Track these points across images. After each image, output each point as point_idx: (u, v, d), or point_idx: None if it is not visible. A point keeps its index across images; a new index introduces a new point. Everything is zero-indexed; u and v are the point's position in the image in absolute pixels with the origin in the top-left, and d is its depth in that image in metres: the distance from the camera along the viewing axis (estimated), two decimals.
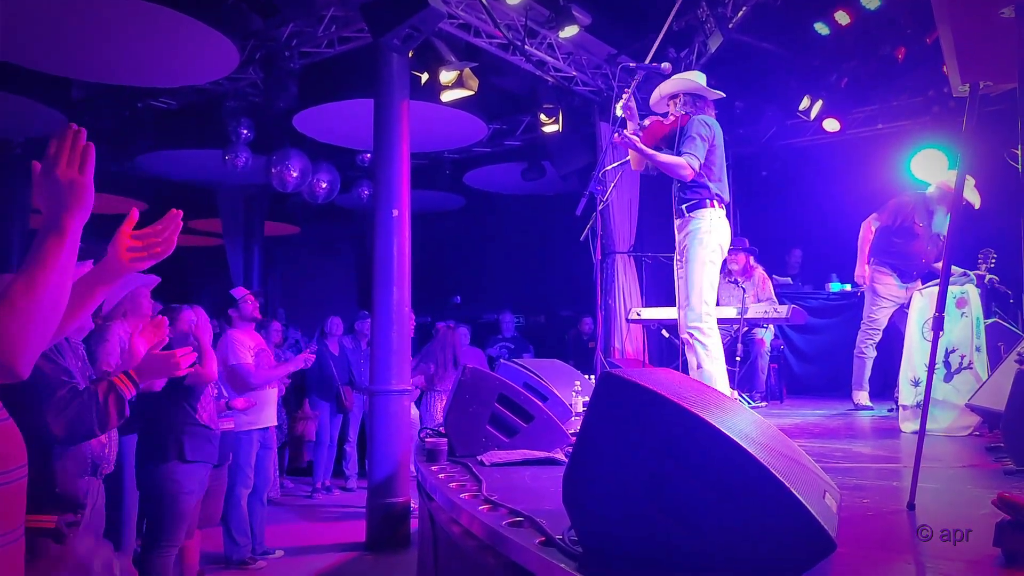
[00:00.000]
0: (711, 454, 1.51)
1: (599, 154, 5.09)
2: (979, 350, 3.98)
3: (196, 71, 6.58)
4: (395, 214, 5.26)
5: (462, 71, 6.02)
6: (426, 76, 6.01)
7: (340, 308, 8.54)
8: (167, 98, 7.28)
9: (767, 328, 6.47)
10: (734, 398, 5.62)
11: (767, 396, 6.37)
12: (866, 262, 5.44)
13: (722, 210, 3.92)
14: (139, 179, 9.38)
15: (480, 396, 3.16)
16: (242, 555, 4.46)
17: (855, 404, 5.40)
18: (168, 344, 3.14)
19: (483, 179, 10.22)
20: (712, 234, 3.85)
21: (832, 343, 6.88)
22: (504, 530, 1.91)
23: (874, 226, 5.46)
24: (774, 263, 7.83)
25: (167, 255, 1.51)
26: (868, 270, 5.43)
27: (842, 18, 6.31)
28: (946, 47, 1.86)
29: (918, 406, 4.01)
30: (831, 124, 7.50)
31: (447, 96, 6.19)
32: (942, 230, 5.21)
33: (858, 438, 4.03)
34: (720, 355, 3.85)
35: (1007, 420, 2.93)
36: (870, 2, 6.09)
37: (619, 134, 4.05)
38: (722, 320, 6.24)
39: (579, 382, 4.79)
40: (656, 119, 4.17)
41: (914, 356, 4.08)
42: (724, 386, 3.83)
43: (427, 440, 3.19)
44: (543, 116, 7.38)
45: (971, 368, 3.92)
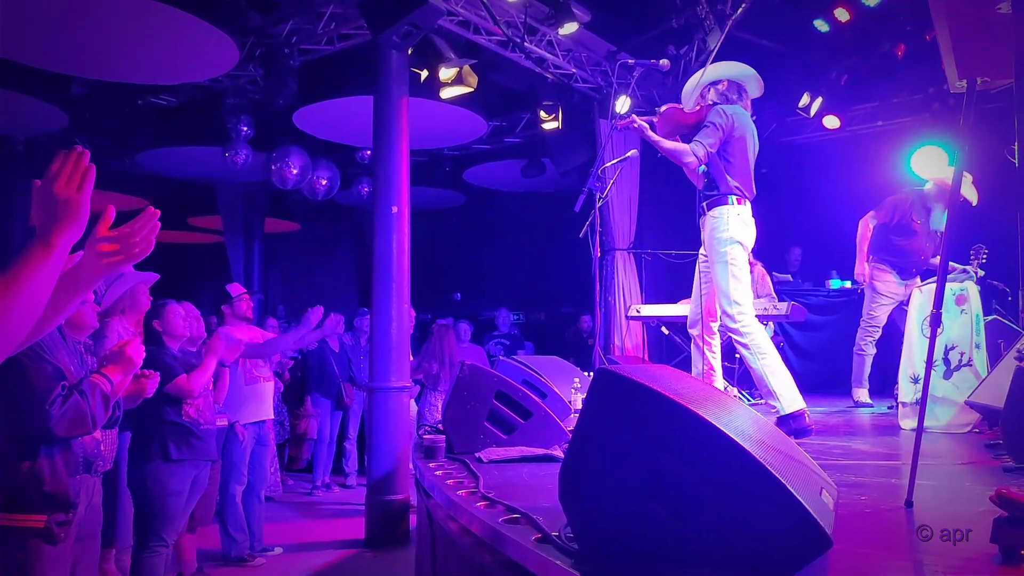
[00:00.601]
0: (707, 450, 1.51)
1: (598, 151, 5.07)
2: (979, 347, 3.98)
3: (196, 68, 6.58)
4: (394, 211, 5.25)
5: (461, 68, 6.01)
6: (425, 73, 6.00)
7: (340, 305, 8.54)
8: (167, 95, 7.27)
9: (767, 325, 6.46)
10: (731, 394, 5.62)
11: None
12: (865, 259, 5.44)
13: (743, 206, 3.76)
14: (139, 176, 9.37)
15: (478, 393, 3.16)
16: (240, 552, 4.46)
17: (855, 401, 5.40)
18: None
19: (483, 176, 10.21)
20: (729, 231, 3.70)
21: (832, 340, 6.87)
22: (500, 527, 1.91)
23: (872, 223, 5.45)
24: (774, 260, 7.82)
25: (145, 255, 1.46)
26: (867, 267, 5.43)
27: (842, 15, 6.29)
28: (943, 43, 1.85)
29: (917, 403, 4.00)
30: (831, 121, 7.48)
31: (446, 93, 6.19)
32: (940, 227, 5.21)
33: (857, 435, 4.03)
34: (766, 350, 3.63)
35: (1006, 417, 2.93)
36: None
37: (623, 119, 3.95)
38: None
39: (578, 379, 4.79)
40: (676, 107, 4.01)
41: (914, 353, 4.08)
42: (778, 380, 3.56)
43: (425, 437, 3.19)
44: (543, 113, 7.37)
45: (971, 365, 3.92)
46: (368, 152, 8.60)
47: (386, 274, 5.23)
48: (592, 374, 4.75)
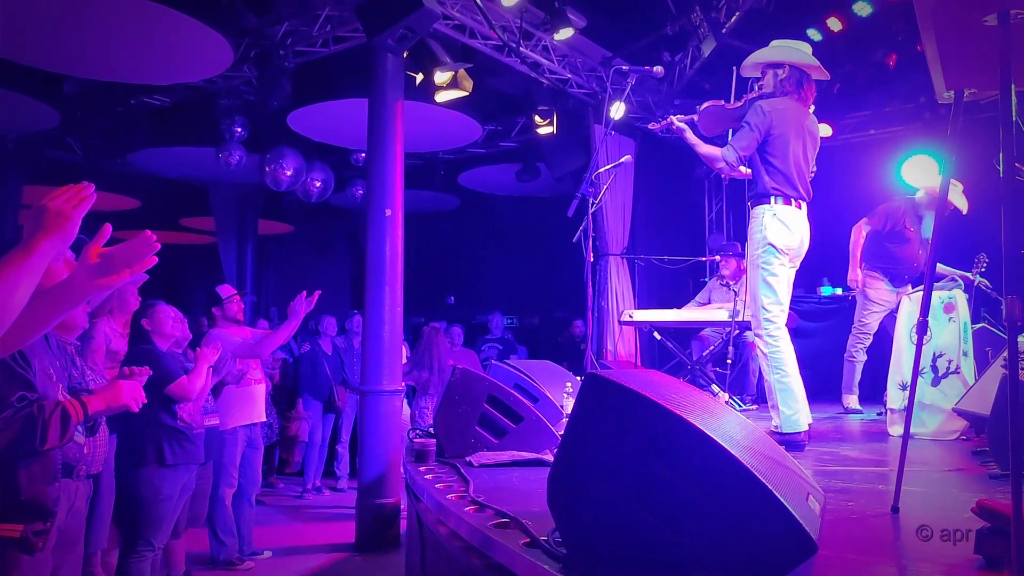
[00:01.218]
0: (696, 456, 1.52)
1: (592, 156, 5.08)
2: (966, 355, 4.01)
3: (190, 68, 6.57)
4: (388, 214, 5.25)
5: (457, 72, 6.02)
6: (421, 76, 6.02)
7: (334, 307, 8.53)
8: (161, 95, 7.26)
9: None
10: (720, 400, 5.64)
11: (758, 399, 6.39)
12: (858, 266, 5.46)
13: (787, 207, 3.56)
14: (132, 176, 9.34)
15: (470, 397, 3.17)
16: (229, 555, 4.44)
17: (845, 407, 5.43)
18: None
19: (478, 180, 10.23)
20: (767, 232, 3.53)
21: (823, 347, 6.90)
22: (489, 531, 1.91)
23: (865, 230, 5.48)
24: None
25: (137, 275, 1.47)
26: (860, 274, 5.46)
27: (834, 24, 6.35)
28: (930, 54, 1.87)
29: (905, 410, 4.03)
30: (823, 129, 7.45)
31: (441, 97, 6.20)
32: (929, 235, 5.25)
33: (846, 441, 4.05)
34: (785, 366, 3.50)
35: (992, 425, 2.95)
36: (862, 9, 6.13)
37: (659, 122, 3.86)
38: (714, 323, 6.29)
39: (570, 383, 4.80)
40: (717, 103, 3.85)
41: (902, 360, 4.10)
42: (786, 398, 3.47)
43: (416, 441, 3.20)
44: (538, 118, 7.39)
45: (958, 373, 3.95)
46: (362, 155, 8.59)
47: (379, 277, 5.23)
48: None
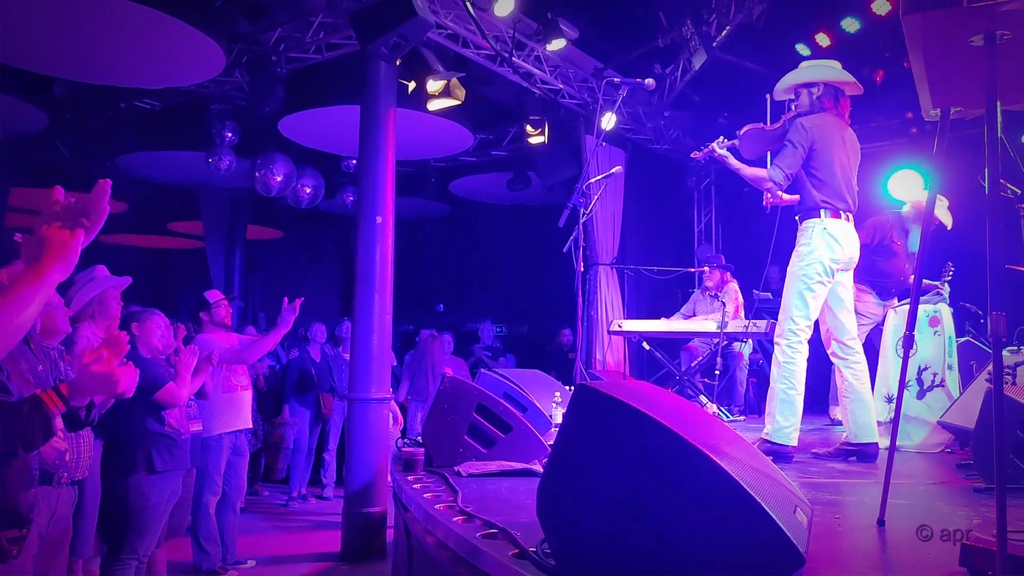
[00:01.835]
0: (685, 468, 1.53)
1: (583, 166, 5.11)
2: (951, 368, 4.05)
3: (181, 73, 6.55)
4: (378, 221, 5.25)
5: (449, 81, 6.04)
6: (413, 84, 6.03)
7: (323, 314, 8.50)
8: (151, 99, 7.23)
9: (746, 342, 6.53)
10: (710, 412, 5.66)
11: (746, 410, 6.42)
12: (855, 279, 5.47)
13: (836, 220, 3.58)
14: (120, 179, 9.29)
15: (459, 406, 3.17)
16: (212, 564, 4.39)
17: (832, 419, 5.46)
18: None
19: (469, 188, 10.24)
20: (814, 245, 3.55)
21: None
22: (478, 542, 1.91)
23: None
24: (755, 278, 7.91)
25: (97, 228, 1.44)
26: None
27: (823, 40, 6.42)
28: (917, 72, 1.90)
29: (891, 422, 4.06)
30: None
31: (434, 105, 6.21)
32: (916, 248, 5.31)
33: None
34: (793, 379, 3.54)
35: (977, 438, 2.98)
36: (850, 25, 6.21)
37: (700, 151, 3.86)
38: (702, 334, 6.32)
39: (559, 393, 4.80)
40: (756, 126, 3.88)
41: (888, 373, 4.14)
42: (785, 409, 3.51)
43: (404, 450, 3.19)
44: (529, 127, 7.42)
45: (943, 386, 3.99)
46: (353, 161, 8.60)
47: (368, 284, 5.22)
48: (572, 388, 4.77)
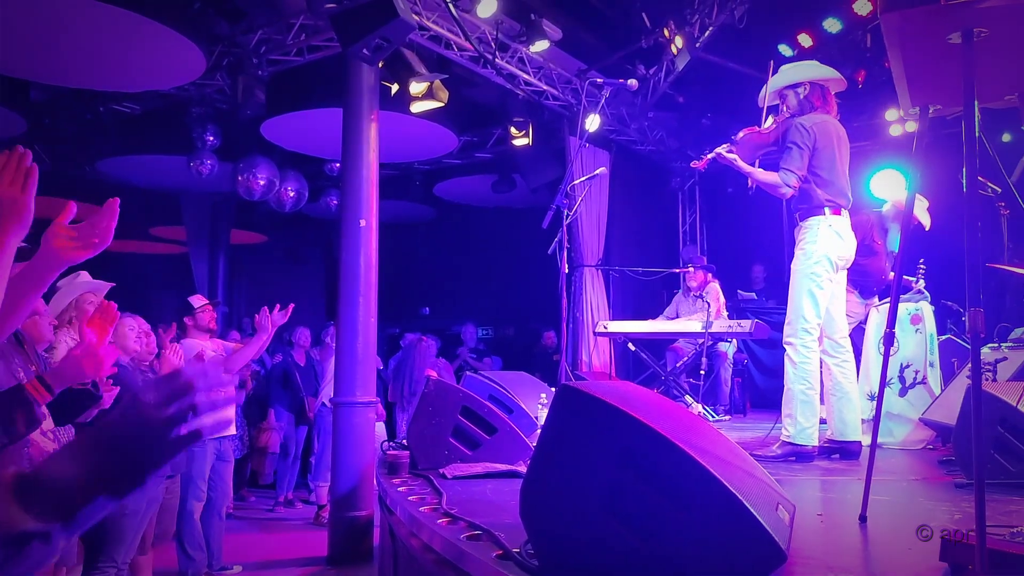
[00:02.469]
0: (667, 467, 1.52)
1: (567, 168, 5.11)
2: (932, 365, 4.09)
3: (161, 76, 6.49)
4: (362, 224, 5.22)
5: (432, 82, 6.02)
6: (396, 87, 6.00)
7: (308, 318, 8.45)
8: (130, 102, 7.16)
9: (731, 342, 6.56)
10: (692, 411, 5.68)
11: (731, 409, 6.45)
12: None
13: (838, 216, 3.62)
14: (100, 184, 9.19)
15: (443, 408, 3.15)
16: (197, 571, 4.34)
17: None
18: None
19: (453, 191, 10.23)
20: (819, 244, 3.56)
21: (775, 361, 6.99)
22: (462, 544, 1.90)
23: None
24: (739, 278, 7.95)
25: (104, 246, 1.45)
26: None
27: (805, 40, 6.47)
28: (896, 70, 1.91)
29: (873, 420, 4.09)
30: None
31: (417, 107, 6.19)
32: (895, 248, 5.36)
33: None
34: (811, 379, 3.51)
35: (958, 434, 3.00)
36: (832, 26, 6.26)
37: (701, 159, 3.82)
38: (687, 334, 6.35)
39: (545, 394, 4.79)
40: (752, 130, 3.87)
41: (871, 371, 4.17)
42: (806, 410, 3.48)
43: (389, 453, 3.17)
44: (513, 129, 7.41)
45: (925, 383, 4.02)
46: (337, 164, 8.55)
47: (353, 288, 5.19)
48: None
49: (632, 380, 6.88)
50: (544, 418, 4.16)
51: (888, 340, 2.20)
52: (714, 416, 5.94)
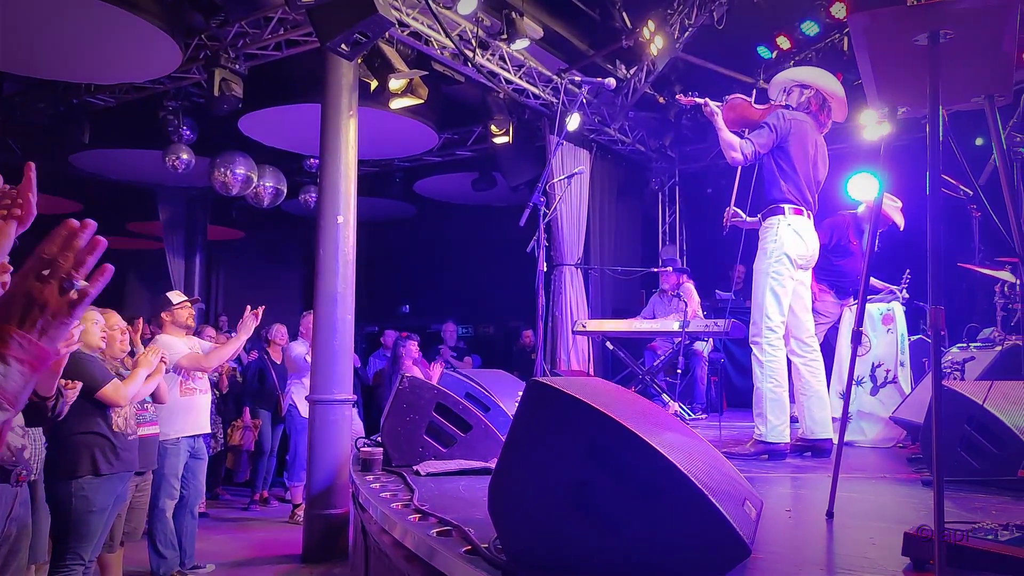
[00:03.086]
0: (633, 462, 1.53)
1: (547, 166, 5.12)
2: (903, 365, 4.14)
3: (136, 68, 6.40)
4: (339, 221, 5.19)
5: (412, 79, 5.99)
6: (376, 83, 5.97)
7: (286, 315, 8.37)
8: (104, 95, 7.06)
9: (707, 341, 6.61)
10: (669, 409, 5.71)
11: (707, 408, 6.50)
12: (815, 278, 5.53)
13: (799, 216, 3.65)
14: (73, 178, 9.05)
15: (418, 405, 3.14)
16: (169, 569, 4.29)
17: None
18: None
19: (434, 188, 10.20)
20: (779, 242, 3.60)
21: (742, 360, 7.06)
22: (431, 539, 1.89)
23: None
24: (719, 279, 8.00)
25: (29, 217, 1.39)
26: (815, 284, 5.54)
27: (783, 43, 6.54)
28: (864, 72, 1.94)
29: (848, 418, 4.14)
30: None
31: (396, 104, 6.16)
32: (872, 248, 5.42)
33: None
34: (778, 376, 3.54)
35: (925, 432, 3.05)
36: (809, 28, 6.33)
37: (689, 96, 3.86)
38: (665, 333, 6.38)
39: (522, 392, 4.79)
40: (745, 99, 3.92)
41: (843, 369, 4.21)
42: (776, 408, 3.52)
43: (362, 449, 3.15)
44: (494, 127, 7.40)
45: (896, 382, 4.08)
46: (316, 160, 8.49)
47: (330, 285, 5.16)
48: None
49: (611, 379, 6.90)
50: None
51: (856, 339, 2.22)
52: (690, 415, 5.98)
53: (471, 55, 6.17)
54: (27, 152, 7.81)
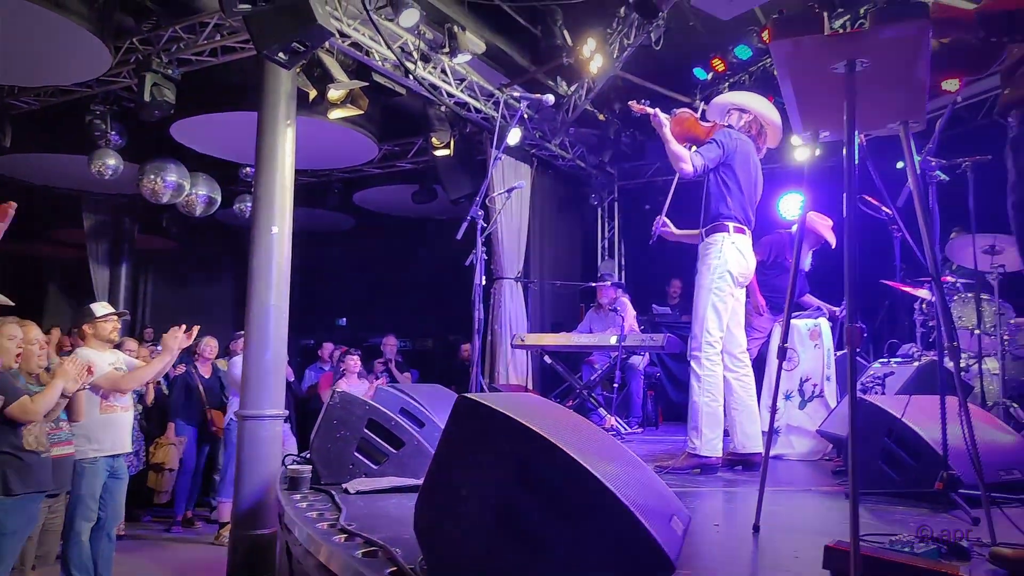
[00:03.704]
0: (559, 478, 1.52)
1: (486, 180, 5.11)
2: (830, 379, 4.27)
3: (63, 71, 6.14)
4: (274, 231, 5.07)
5: (352, 90, 5.92)
6: (314, 93, 5.87)
7: (218, 329, 8.10)
8: (28, 98, 6.74)
9: (643, 355, 6.70)
10: (609, 424, 5.75)
11: (643, 422, 6.57)
12: (759, 292, 5.63)
13: (741, 235, 3.76)
14: None
15: (349, 421, 3.07)
16: None
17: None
18: None
19: (373, 199, 10.09)
20: (722, 259, 3.67)
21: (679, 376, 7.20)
22: (356, 561, 1.84)
23: None
24: (656, 294, 8.14)
25: None
26: (762, 298, 5.63)
27: (718, 65, 6.74)
28: (787, 97, 2.00)
29: (777, 432, 4.25)
30: None
31: (335, 114, 6.07)
32: (805, 266, 5.60)
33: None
34: (715, 391, 3.61)
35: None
36: (742, 52, 6.54)
37: (640, 103, 3.90)
38: (602, 348, 6.44)
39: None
40: (694, 116, 3.99)
41: (773, 383, 4.31)
42: (711, 422, 3.57)
43: (290, 467, 3.06)
44: (435, 140, 7.38)
45: (822, 396, 4.20)
46: (252, 169, 8.29)
47: (263, 297, 5.02)
48: None
49: (548, 393, 6.92)
50: None
51: (781, 354, 2.28)
52: (627, 428, 6.04)
53: (412, 67, 6.14)
54: None
